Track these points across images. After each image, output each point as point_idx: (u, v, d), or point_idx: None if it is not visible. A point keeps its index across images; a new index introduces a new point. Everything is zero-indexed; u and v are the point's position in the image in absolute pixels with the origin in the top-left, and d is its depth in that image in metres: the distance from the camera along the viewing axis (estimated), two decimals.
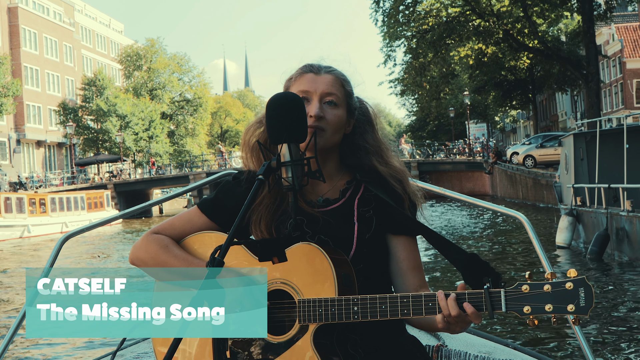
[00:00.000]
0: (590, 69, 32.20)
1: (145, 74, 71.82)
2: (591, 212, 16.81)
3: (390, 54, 36.25)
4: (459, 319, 1.97)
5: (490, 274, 1.99)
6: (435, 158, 52.54)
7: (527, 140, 41.04)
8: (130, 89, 69.83)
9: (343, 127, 2.27)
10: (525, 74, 46.53)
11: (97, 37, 75.64)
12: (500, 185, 43.27)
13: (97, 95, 59.44)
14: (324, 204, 2.27)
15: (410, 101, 78.59)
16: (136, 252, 2.29)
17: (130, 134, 59.59)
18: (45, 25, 61.35)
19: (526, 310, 1.91)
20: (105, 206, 41.86)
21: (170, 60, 72.90)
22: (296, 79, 2.29)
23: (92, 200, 40.63)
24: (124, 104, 59.30)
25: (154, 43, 72.57)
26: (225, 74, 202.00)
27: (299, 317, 2.06)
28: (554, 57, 33.96)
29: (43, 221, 35.85)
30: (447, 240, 2.13)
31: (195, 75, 74.99)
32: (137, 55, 71.90)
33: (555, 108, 70.93)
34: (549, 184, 31.17)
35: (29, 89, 58.35)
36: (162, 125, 65.01)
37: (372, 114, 2.38)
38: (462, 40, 34.25)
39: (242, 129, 29.66)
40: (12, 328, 2.89)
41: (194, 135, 74.10)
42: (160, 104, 69.41)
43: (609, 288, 13.03)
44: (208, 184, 3.43)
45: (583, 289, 1.88)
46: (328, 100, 2.23)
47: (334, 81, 2.27)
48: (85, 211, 39.37)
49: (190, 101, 73.93)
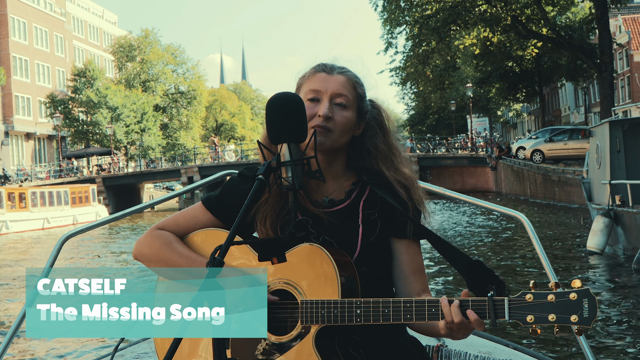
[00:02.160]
0: (604, 57, 30.33)
1: (138, 65, 71.46)
2: (636, 214, 14.65)
3: (392, 41, 34.23)
4: (462, 325, 1.98)
5: (494, 281, 2.00)
6: (436, 153, 50.98)
7: (534, 134, 39.12)
8: (123, 80, 69.52)
9: (351, 129, 2.30)
10: (531, 65, 44.48)
11: (89, 28, 75.08)
12: (505, 181, 41.20)
13: (88, 86, 58.62)
14: (329, 205, 2.30)
15: (409, 95, 77.01)
16: (140, 247, 2.31)
17: (122, 126, 58.72)
18: (35, 15, 60.44)
19: (529, 319, 1.93)
20: (90, 201, 39.87)
21: (164, 52, 72.64)
22: (309, 77, 2.30)
23: (77, 195, 38.60)
24: (115, 96, 58.45)
25: (148, 34, 72.27)
26: (222, 68, 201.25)
27: (302, 318, 2.09)
28: (565, 45, 31.96)
29: (23, 217, 33.98)
30: (452, 245, 2.16)
31: (190, 67, 74.95)
32: (131, 46, 71.57)
33: (558, 102, 69.41)
34: (561, 180, 29.17)
35: (17, 80, 57.54)
36: (155, 118, 64.33)
37: (385, 117, 2.39)
38: (468, 26, 32.27)
39: (237, 123, 29.16)
40: (12, 328, 2.86)
41: (187, 128, 73.74)
42: (153, 96, 69.14)
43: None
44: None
45: (587, 300, 1.90)
46: (338, 101, 2.25)
47: (346, 82, 2.28)
48: (69, 206, 37.43)
49: (184, 93, 73.54)
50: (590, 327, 1.88)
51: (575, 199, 27.85)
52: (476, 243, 19.98)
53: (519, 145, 38.85)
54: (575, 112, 68.31)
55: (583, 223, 21.78)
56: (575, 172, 28.03)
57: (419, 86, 59.14)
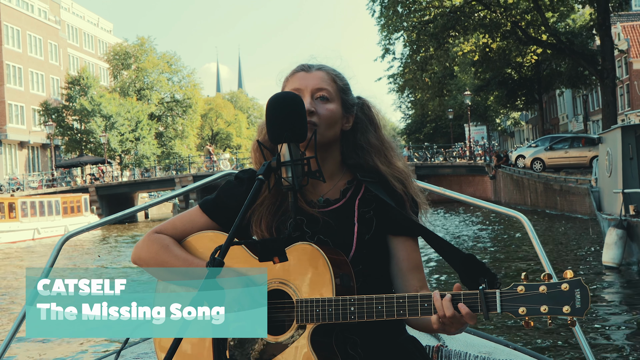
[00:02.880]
0: (606, 64, 29.71)
1: (133, 73, 71.46)
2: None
3: (389, 48, 33.49)
4: (454, 319, 1.98)
5: (486, 274, 1.99)
6: (434, 162, 50.33)
7: (534, 143, 38.37)
8: (118, 88, 69.28)
9: (338, 122, 2.29)
10: (531, 72, 43.75)
11: (84, 36, 74.65)
12: (504, 190, 40.45)
13: (82, 94, 58.20)
14: (325, 204, 2.30)
15: (406, 104, 76.48)
16: (138, 251, 2.32)
17: (116, 134, 58.40)
18: (29, 23, 59.99)
19: (521, 311, 1.92)
20: (83, 211, 39.15)
21: (159, 60, 72.72)
22: (289, 78, 2.32)
23: (68, 205, 37.83)
24: (109, 104, 58.13)
25: (144, 42, 72.49)
26: (219, 77, 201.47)
27: (297, 317, 2.09)
28: (566, 51, 31.27)
29: (12, 227, 33.23)
30: (444, 240, 2.16)
31: (185, 75, 75.17)
32: (126, 54, 71.50)
33: (556, 110, 68.93)
34: (563, 189, 28.40)
35: (11, 88, 57.11)
36: (150, 126, 64.16)
37: (374, 112, 2.40)
38: (467, 32, 31.61)
39: (233, 132, 29.34)
40: (12, 328, 2.88)
41: (183, 137, 73.68)
42: (148, 104, 68.78)
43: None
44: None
45: (579, 290, 1.89)
46: (319, 95, 2.26)
47: (325, 76, 2.30)
48: (60, 216, 36.67)
49: (180, 102, 73.39)
50: (582, 317, 1.88)
51: (578, 209, 27.03)
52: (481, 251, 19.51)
53: (518, 153, 38.10)
54: (574, 120, 67.81)
55: (592, 233, 21.10)
56: (578, 181, 27.15)
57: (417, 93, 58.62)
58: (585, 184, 26.10)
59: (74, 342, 10.06)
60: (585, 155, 33.48)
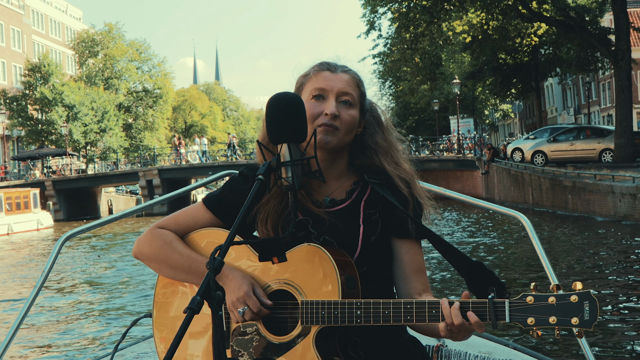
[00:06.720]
0: (621, 44, 26.23)
1: (100, 61, 69.12)
2: None
3: (374, 22, 29.52)
4: (462, 327, 1.97)
5: (495, 283, 1.98)
6: (419, 155, 46.72)
7: (532, 134, 34.88)
8: (84, 77, 65.94)
9: (355, 128, 2.29)
10: (528, 57, 40.09)
11: (50, 23, 71.86)
12: (499, 186, 36.74)
13: (43, 82, 55.33)
14: (330, 205, 2.29)
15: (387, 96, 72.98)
16: (140, 246, 2.31)
17: (79, 125, 55.51)
18: None
19: (530, 321, 1.91)
20: (31, 207, 35.28)
21: (128, 47, 70.50)
22: (312, 76, 2.29)
23: (13, 201, 33.91)
24: (72, 93, 55.37)
25: (112, 28, 70.49)
26: (196, 71, 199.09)
27: (302, 319, 2.08)
28: (576, 28, 27.60)
29: None
30: (452, 246, 2.14)
31: (156, 64, 73.08)
32: (93, 41, 69.04)
33: (543, 103, 65.61)
34: (577, 186, 24.65)
35: None
36: (117, 117, 61.57)
37: (382, 114, 2.42)
38: (464, 5, 27.83)
39: (208, 124, 25.90)
40: (12, 328, 2.84)
41: (153, 129, 71.48)
42: (116, 94, 65.83)
43: None
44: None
45: (588, 303, 1.86)
46: (344, 99, 2.25)
47: (350, 81, 2.28)
48: (3, 213, 32.71)
49: (150, 92, 71.32)
50: (591, 329, 1.85)
51: (596, 209, 23.26)
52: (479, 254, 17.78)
53: (514, 146, 34.57)
54: (564, 114, 64.80)
55: (612, 241, 18.69)
56: (596, 177, 23.38)
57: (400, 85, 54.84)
58: (606, 180, 22.51)
59: (74, 342, 10.07)
60: (594, 147, 30.17)
